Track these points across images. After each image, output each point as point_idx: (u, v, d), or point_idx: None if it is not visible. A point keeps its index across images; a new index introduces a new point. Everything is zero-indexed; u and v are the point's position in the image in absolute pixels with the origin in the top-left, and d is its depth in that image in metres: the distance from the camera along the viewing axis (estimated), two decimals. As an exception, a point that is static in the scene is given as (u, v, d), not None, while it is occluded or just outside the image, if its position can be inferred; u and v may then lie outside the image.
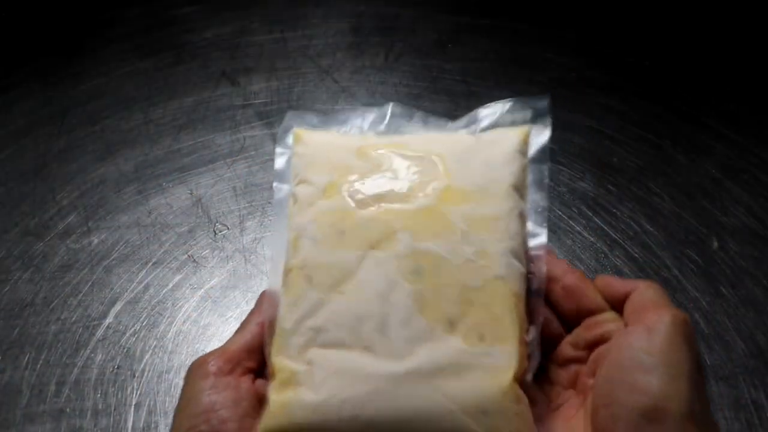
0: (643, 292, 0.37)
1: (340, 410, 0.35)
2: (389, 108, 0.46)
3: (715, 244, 0.55)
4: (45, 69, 0.66)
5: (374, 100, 0.64)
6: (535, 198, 0.44)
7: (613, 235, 0.55)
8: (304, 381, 0.36)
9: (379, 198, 0.40)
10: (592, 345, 0.38)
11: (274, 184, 0.43)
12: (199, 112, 0.63)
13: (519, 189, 0.42)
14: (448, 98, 0.63)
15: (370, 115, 0.46)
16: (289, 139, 0.44)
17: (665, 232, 0.55)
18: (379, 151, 0.42)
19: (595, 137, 0.61)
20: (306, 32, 0.69)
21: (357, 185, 0.40)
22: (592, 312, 0.39)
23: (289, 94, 0.65)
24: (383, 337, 0.36)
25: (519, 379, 0.36)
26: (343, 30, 0.69)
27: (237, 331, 0.40)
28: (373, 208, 0.39)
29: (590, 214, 0.56)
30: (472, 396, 0.35)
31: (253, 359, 0.39)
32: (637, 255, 0.54)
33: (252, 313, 0.41)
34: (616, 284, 0.38)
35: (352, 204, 0.40)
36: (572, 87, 0.65)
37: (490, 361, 0.36)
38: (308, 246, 0.39)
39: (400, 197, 0.40)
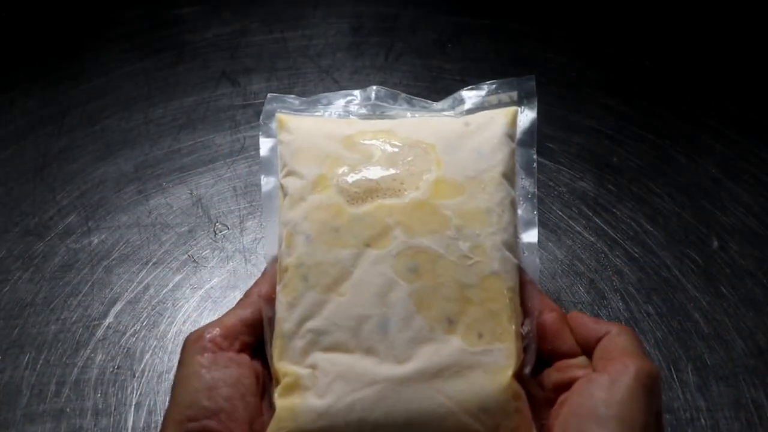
0: (614, 338, 0.37)
1: (347, 414, 0.35)
2: (373, 91, 0.45)
3: (715, 244, 0.55)
4: (45, 69, 0.66)
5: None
6: (525, 184, 0.43)
7: (613, 235, 0.55)
8: (309, 385, 0.36)
9: (371, 192, 0.39)
10: (560, 388, 0.37)
11: (262, 176, 0.43)
12: (199, 112, 0.63)
13: (509, 176, 0.41)
14: (448, 98, 0.63)
15: (354, 98, 0.45)
16: (273, 126, 0.43)
17: (665, 231, 0.55)
18: (367, 140, 0.41)
19: (595, 137, 0.61)
20: (306, 32, 0.69)
21: (347, 179, 0.40)
22: (565, 355, 0.38)
23: (289, 94, 0.64)
24: (384, 339, 0.36)
25: (517, 375, 0.37)
26: (343, 30, 0.69)
27: (237, 305, 0.39)
28: (365, 204, 0.39)
29: (590, 213, 0.56)
30: (473, 396, 0.35)
31: (251, 333, 0.38)
32: (637, 255, 0.54)
33: (255, 285, 0.40)
34: (589, 326, 0.38)
35: (344, 200, 0.39)
36: (572, 87, 0.65)
37: (489, 360, 0.36)
38: (302, 244, 0.38)
39: (392, 191, 0.39)
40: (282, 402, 0.36)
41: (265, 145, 0.44)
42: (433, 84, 0.65)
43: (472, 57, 0.67)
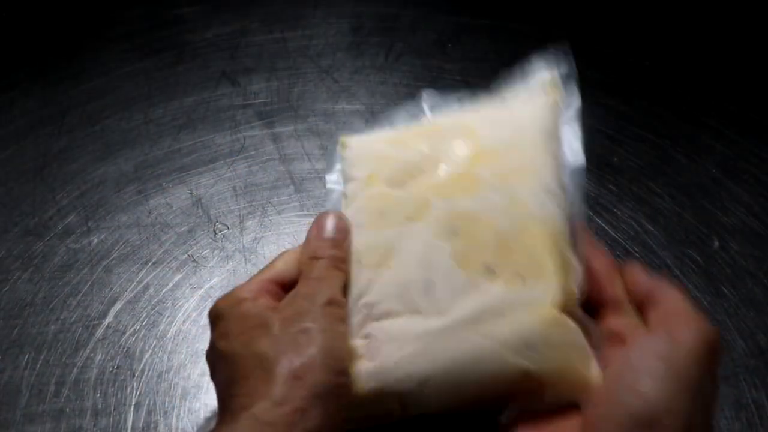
0: (673, 299, 0.36)
1: (395, 371, 0.37)
2: (424, 97, 0.47)
3: (716, 244, 0.55)
4: (45, 69, 0.66)
5: (374, 100, 0.64)
6: (569, 138, 0.43)
7: (614, 235, 0.55)
8: (363, 353, 0.38)
9: (412, 176, 0.42)
10: (607, 338, 0.37)
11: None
12: (199, 112, 0.63)
13: (550, 135, 0.42)
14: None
15: (412, 109, 0.48)
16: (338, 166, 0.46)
17: (666, 231, 0.55)
18: (411, 136, 0.44)
19: (595, 137, 0.61)
20: (306, 32, 0.69)
21: (392, 168, 0.42)
22: (611, 304, 0.38)
23: (289, 94, 0.65)
24: (428, 298, 0.38)
25: (567, 310, 0.37)
26: (343, 30, 0.69)
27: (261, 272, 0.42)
28: (407, 186, 0.42)
29: (591, 213, 0.56)
30: (515, 333, 0.36)
31: (280, 288, 0.40)
32: (637, 254, 0.54)
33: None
34: (644, 281, 0.38)
35: (389, 187, 0.42)
36: (572, 87, 0.65)
37: (530, 297, 0.37)
38: (356, 234, 0.41)
39: (433, 171, 0.42)
40: None
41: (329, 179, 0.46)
42: (433, 84, 0.65)
43: (472, 57, 0.67)
